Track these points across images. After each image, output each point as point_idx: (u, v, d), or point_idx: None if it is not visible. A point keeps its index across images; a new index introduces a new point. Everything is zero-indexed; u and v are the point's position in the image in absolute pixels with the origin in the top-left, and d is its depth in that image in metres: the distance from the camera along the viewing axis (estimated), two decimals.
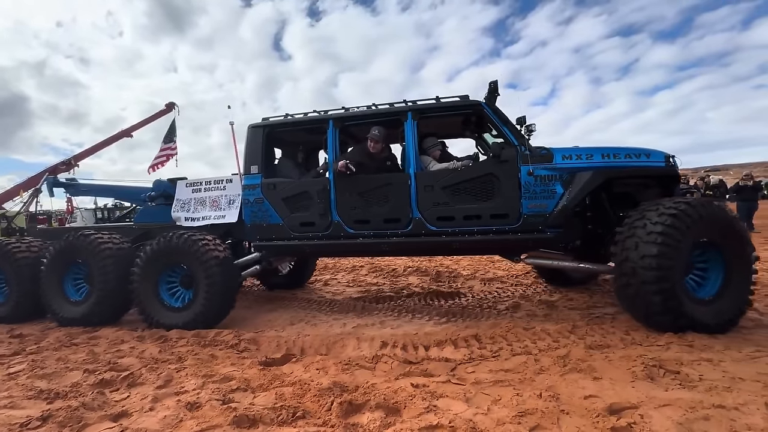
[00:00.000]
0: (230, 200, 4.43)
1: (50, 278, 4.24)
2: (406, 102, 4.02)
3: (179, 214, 4.57)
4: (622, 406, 1.92)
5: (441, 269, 6.52)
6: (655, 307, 2.98)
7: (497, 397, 2.12)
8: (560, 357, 2.65)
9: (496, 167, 3.61)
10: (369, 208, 3.89)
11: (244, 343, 3.39)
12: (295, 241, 4.11)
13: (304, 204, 4.07)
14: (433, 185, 3.73)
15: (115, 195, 6.20)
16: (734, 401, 1.85)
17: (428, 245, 3.88)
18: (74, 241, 4.18)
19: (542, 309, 4.13)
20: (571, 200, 3.45)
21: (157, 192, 4.93)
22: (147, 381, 2.57)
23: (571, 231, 3.69)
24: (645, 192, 3.82)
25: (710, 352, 2.65)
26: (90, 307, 4.06)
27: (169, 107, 11.41)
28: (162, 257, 3.96)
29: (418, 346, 3.16)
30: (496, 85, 3.76)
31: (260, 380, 2.50)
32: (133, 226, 4.81)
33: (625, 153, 3.56)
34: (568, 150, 3.59)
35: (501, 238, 3.64)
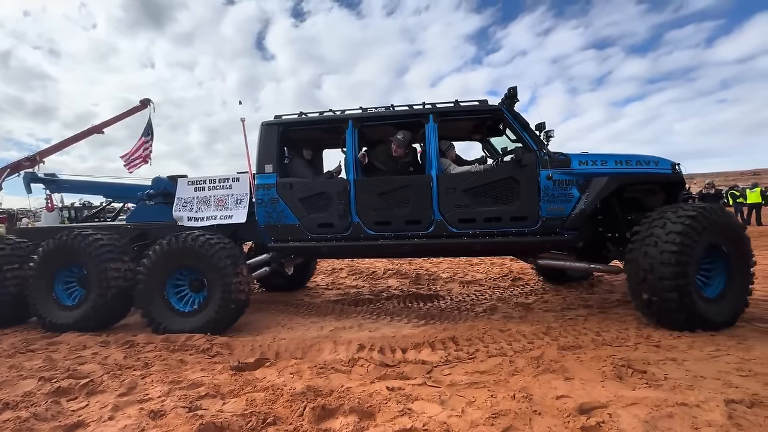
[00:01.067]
0: (237, 200, 4.25)
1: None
2: (425, 104, 4.02)
3: (181, 213, 4.32)
4: (591, 405, 1.96)
5: (420, 272, 6.54)
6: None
7: (472, 399, 2.12)
8: (534, 358, 2.69)
9: (516, 171, 3.69)
10: (390, 210, 3.86)
11: (217, 347, 3.27)
12: (313, 242, 3.99)
13: (323, 205, 3.97)
14: (454, 188, 3.76)
15: (103, 192, 5.70)
16: (696, 399, 1.92)
17: (449, 247, 3.90)
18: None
19: (518, 311, 4.19)
20: (588, 204, 3.59)
21: (157, 190, 4.64)
22: (108, 388, 2.43)
23: (584, 233, 3.80)
24: (651, 197, 3.98)
25: (675, 351, 2.75)
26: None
27: (144, 104, 11.01)
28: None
29: (395, 348, 3.14)
30: (516, 90, 3.83)
31: (231, 386, 2.41)
32: (128, 226, 4.51)
33: (636, 160, 3.74)
34: (584, 156, 3.73)
35: (521, 240, 3.72)
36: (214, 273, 3.67)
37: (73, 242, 3.87)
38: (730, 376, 2.27)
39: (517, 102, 3.88)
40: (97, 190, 5.63)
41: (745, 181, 45.56)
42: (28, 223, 12.37)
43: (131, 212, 4.97)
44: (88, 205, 13.69)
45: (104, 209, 7.61)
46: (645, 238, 3.26)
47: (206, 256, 3.67)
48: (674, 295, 3.08)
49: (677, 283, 3.06)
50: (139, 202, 4.90)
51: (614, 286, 5.02)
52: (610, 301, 4.38)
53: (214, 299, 3.66)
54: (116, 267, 3.82)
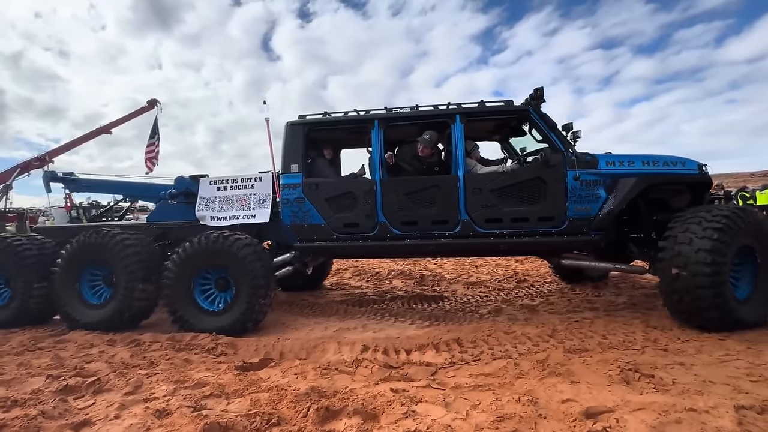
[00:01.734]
0: (260, 199, 4.26)
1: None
2: (449, 104, 4.02)
3: (204, 212, 4.35)
4: (598, 410, 1.93)
5: (425, 273, 6.52)
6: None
7: (476, 402, 2.10)
8: (539, 361, 2.66)
9: (543, 171, 3.69)
10: (416, 210, 3.87)
11: (221, 347, 3.29)
12: (339, 242, 4.00)
13: (349, 204, 3.98)
14: (481, 188, 3.76)
15: (123, 191, 5.70)
16: (705, 404, 1.89)
17: (476, 247, 3.90)
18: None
19: (523, 313, 4.16)
20: (617, 204, 3.57)
21: (179, 189, 4.66)
22: (115, 387, 2.45)
23: (610, 234, 3.78)
24: (676, 198, 3.97)
25: (683, 356, 2.71)
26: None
27: (151, 104, 11.12)
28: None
29: (399, 350, 3.14)
30: (542, 91, 3.85)
31: (235, 386, 2.42)
32: (150, 225, 4.53)
33: (663, 161, 3.75)
34: (611, 156, 3.73)
35: (547, 240, 3.72)
36: (242, 274, 3.68)
37: (101, 241, 3.89)
38: (740, 381, 2.24)
39: (543, 103, 3.87)
40: (117, 189, 5.65)
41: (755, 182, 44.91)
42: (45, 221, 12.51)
43: (152, 211, 4.99)
44: (96, 205, 13.84)
45: (112, 208, 7.69)
46: (679, 236, 3.23)
47: (236, 257, 3.68)
48: (708, 293, 3.04)
49: (713, 281, 3.04)
50: (159, 202, 4.92)
51: (620, 288, 4.97)
52: (617, 303, 4.33)
53: (240, 301, 3.67)
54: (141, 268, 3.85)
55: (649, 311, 3.92)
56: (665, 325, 3.43)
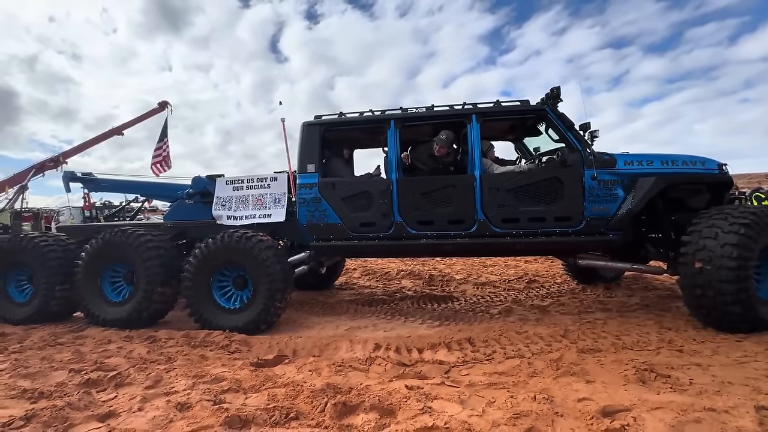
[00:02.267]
0: (276, 199, 4.31)
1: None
2: (465, 104, 4.03)
3: (221, 212, 4.41)
4: (615, 408, 1.93)
5: (434, 273, 6.53)
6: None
7: (492, 399, 2.11)
8: (553, 360, 2.66)
9: (560, 171, 3.68)
10: (432, 209, 3.87)
11: (235, 344, 3.34)
12: (355, 241, 4.02)
13: (365, 204, 3.99)
14: (498, 187, 3.76)
15: (141, 191, 5.81)
16: (724, 404, 1.88)
17: (492, 246, 3.90)
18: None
19: (534, 313, 4.15)
20: (636, 204, 3.54)
21: (196, 189, 4.74)
22: (135, 381, 2.51)
23: (628, 234, 3.74)
24: (695, 197, 3.92)
25: (699, 357, 2.69)
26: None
27: (161, 106, 11.30)
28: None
29: (411, 348, 3.15)
30: (559, 91, 3.84)
31: (252, 381, 2.46)
32: (167, 224, 4.61)
33: (683, 160, 3.71)
34: (629, 156, 3.70)
35: (564, 240, 3.70)
36: (260, 275, 3.72)
37: (124, 240, 3.98)
38: (759, 382, 2.21)
39: (560, 102, 3.86)
40: (135, 189, 5.76)
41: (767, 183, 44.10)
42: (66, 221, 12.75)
43: (169, 211, 5.07)
44: (109, 204, 14.08)
45: (124, 208, 7.83)
46: (704, 230, 3.20)
47: (256, 258, 3.72)
48: (732, 287, 3.00)
49: (738, 275, 3.01)
50: (176, 201, 5.00)
51: (633, 290, 4.93)
52: (630, 304, 4.30)
53: (257, 301, 3.72)
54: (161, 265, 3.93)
55: (663, 312, 3.88)
56: (680, 326, 3.39)
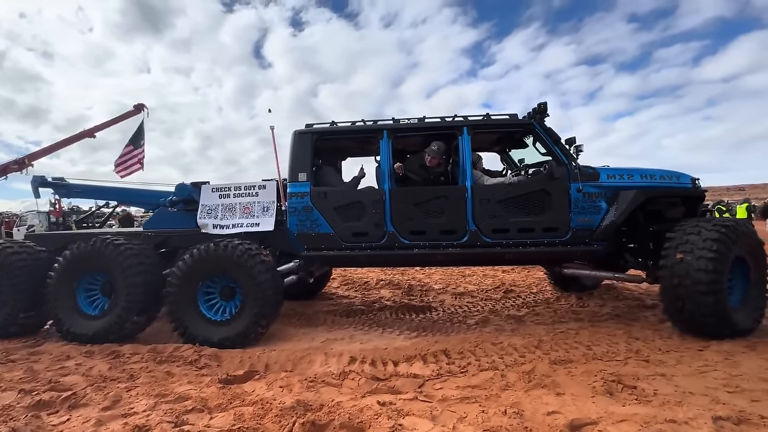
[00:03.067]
0: (264, 207, 4.20)
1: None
2: (456, 116, 4.11)
3: (206, 221, 4.24)
4: (582, 422, 1.96)
5: (413, 283, 6.52)
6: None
7: (463, 415, 2.10)
8: (526, 372, 2.68)
9: (548, 183, 3.82)
10: (425, 219, 3.91)
11: (205, 359, 3.22)
12: (347, 251, 4.00)
13: (358, 214, 3.98)
14: (489, 198, 3.85)
15: (120, 198, 5.48)
16: (684, 415, 1.93)
17: (483, 256, 3.98)
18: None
19: (510, 324, 4.20)
20: (619, 216, 3.71)
21: (180, 196, 4.53)
22: (92, 402, 2.36)
23: (611, 244, 3.89)
24: (671, 210, 4.12)
25: (664, 366, 2.77)
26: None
27: (137, 108, 10.96)
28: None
29: (387, 361, 3.12)
30: (546, 106, 3.97)
31: (219, 399, 2.36)
32: (149, 233, 4.39)
33: (660, 174, 3.94)
34: (612, 170, 3.89)
35: (552, 250, 3.83)
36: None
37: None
38: (717, 392, 2.30)
39: (547, 117, 4.00)
40: (112, 195, 5.43)
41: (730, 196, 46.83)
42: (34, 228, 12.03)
43: (150, 219, 4.84)
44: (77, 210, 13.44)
45: (93, 214, 7.48)
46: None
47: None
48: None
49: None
50: (158, 209, 4.78)
51: (604, 299, 5.06)
52: (601, 314, 4.41)
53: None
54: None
55: (632, 322, 4.00)
56: (647, 336, 3.50)
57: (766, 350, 3.02)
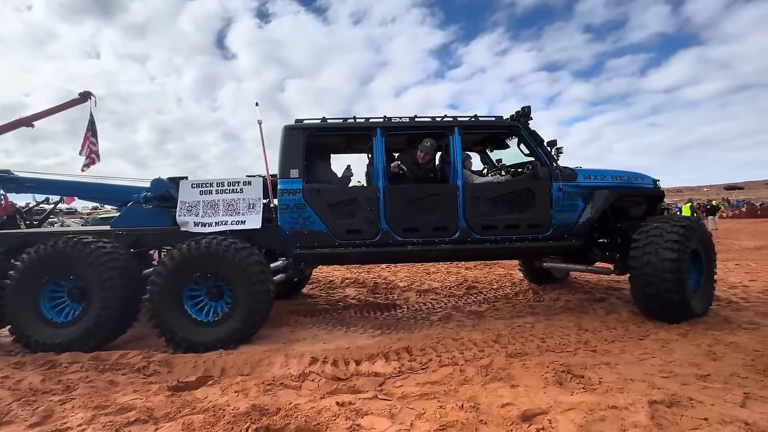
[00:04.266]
0: (250, 204, 4.00)
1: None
2: (445, 116, 4.23)
3: (186, 218, 3.96)
4: (533, 412, 2.04)
5: (378, 281, 6.53)
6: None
7: (421, 411, 2.12)
8: (483, 366, 2.76)
9: (533, 183, 4.05)
10: (418, 217, 3.98)
11: (155, 365, 3.02)
12: (341, 249, 3.96)
13: (351, 211, 3.97)
14: (479, 196, 4.00)
15: (82, 194, 4.95)
16: (624, 401, 2.07)
17: (473, 252, 4.15)
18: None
19: (471, 319, 4.31)
20: (594, 213, 4.06)
21: (157, 193, 4.17)
22: (17, 418, 2.14)
23: (586, 239, 4.21)
24: (635, 207, 4.54)
25: (609, 356, 2.96)
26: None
27: (83, 97, 10.11)
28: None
29: (349, 361, 3.09)
30: (529, 109, 4.21)
31: (166, 408, 2.22)
32: (120, 232, 4.01)
33: (628, 176, 4.32)
34: (587, 171, 4.21)
35: (535, 245, 4.09)
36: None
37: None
38: (654, 378, 2.48)
39: (531, 120, 4.23)
40: (72, 190, 4.90)
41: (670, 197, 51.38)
42: None
43: (119, 216, 4.43)
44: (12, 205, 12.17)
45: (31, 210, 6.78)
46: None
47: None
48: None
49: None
50: (129, 205, 4.38)
51: (559, 294, 5.34)
52: (555, 308, 4.64)
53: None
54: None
55: (582, 314, 4.24)
56: (596, 327, 3.73)
57: (696, 337, 3.31)
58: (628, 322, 3.84)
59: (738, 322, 3.66)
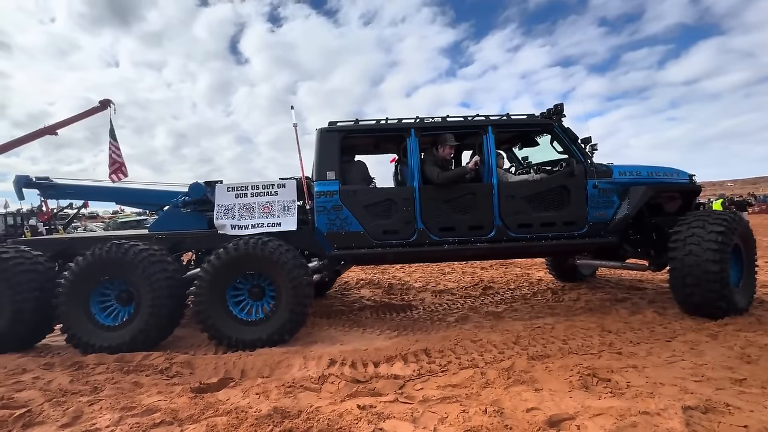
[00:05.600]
0: (285, 206, 4.09)
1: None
2: (477, 115, 4.26)
3: (224, 221, 4.06)
4: (560, 417, 1.98)
5: (393, 281, 6.51)
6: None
7: (444, 415, 2.09)
8: (505, 369, 2.70)
9: (568, 180, 4.05)
10: (453, 216, 4.01)
11: (177, 366, 3.07)
12: (378, 249, 4.00)
13: (388, 211, 4.02)
14: (514, 195, 4.02)
15: (120, 199, 5.08)
16: (656, 407, 1.99)
17: (509, 250, 4.24)
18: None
19: (489, 320, 4.24)
20: (632, 209, 4.04)
21: (195, 196, 4.28)
22: (49, 419, 2.20)
23: (622, 235, 4.19)
24: (670, 203, 4.53)
25: (635, 358, 2.86)
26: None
27: (103, 105, 10.40)
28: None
29: (367, 362, 3.07)
30: (562, 107, 4.21)
31: (190, 410, 2.25)
32: (159, 236, 4.13)
33: (663, 171, 4.30)
34: (622, 167, 4.19)
35: (571, 242, 4.09)
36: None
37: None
38: (685, 382, 2.39)
39: (564, 117, 4.22)
40: (112, 195, 5.02)
41: None
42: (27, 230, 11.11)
43: (156, 220, 4.59)
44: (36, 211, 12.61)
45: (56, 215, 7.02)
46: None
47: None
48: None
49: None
50: (166, 209, 4.52)
51: (579, 293, 5.22)
52: (575, 308, 4.53)
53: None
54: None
55: (605, 315, 4.12)
56: (619, 328, 3.61)
57: (726, 339, 3.17)
58: (653, 324, 3.71)
59: None
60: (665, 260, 3.96)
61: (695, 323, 3.65)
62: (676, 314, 3.98)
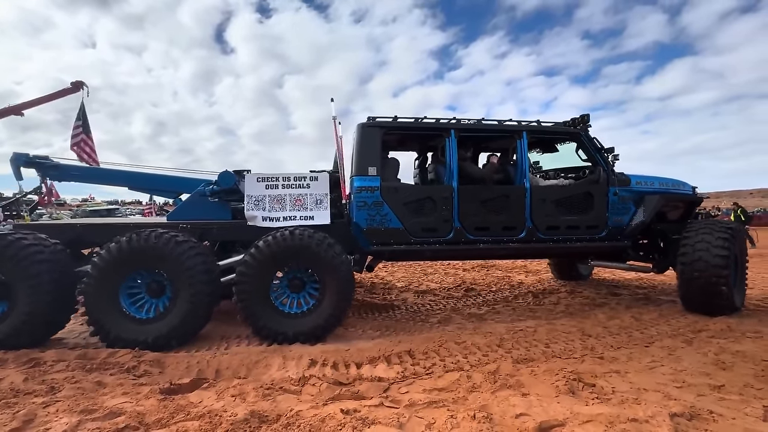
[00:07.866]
0: (317, 200, 3.99)
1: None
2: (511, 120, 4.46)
3: (255, 213, 3.89)
4: (550, 424, 1.95)
5: (376, 281, 6.42)
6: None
7: (431, 421, 2.01)
8: (491, 373, 2.66)
9: (593, 187, 4.34)
10: (488, 216, 4.16)
11: (145, 365, 2.87)
12: (416, 246, 4.06)
13: (427, 209, 4.08)
14: (545, 198, 4.23)
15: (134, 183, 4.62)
16: (644, 414, 1.99)
17: (537, 250, 4.52)
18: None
19: (472, 322, 4.22)
20: (647, 216, 4.38)
21: (224, 186, 4.05)
22: None
23: (635, 240, 4.54)
24: (673, 212, 4.91)
25: (617, 363, 2.89)
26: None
27: (75, 86, 9.78)
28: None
29: (350, 363, 2.97)
30: (588, 117, 4.47)
31: (159, 414, 2.08)
32: (184, 225, 3.84)
33: (671, 183, 4.69)
34: (638, 177, 4.53)
35: (592, 245, 4.37)
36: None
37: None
38: (668, 388, 2.41)
39: (590, 127, 4.49)
40: (127, 180, 4.57)
41: None
42: None
43: (177, 208, 4.29)
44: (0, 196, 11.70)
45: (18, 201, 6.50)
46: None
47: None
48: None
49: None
50: (188, 197, 4.24)
51: (559, 297, 5.29)
52: (556, 312, 4.58)
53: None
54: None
55: (584, 319, 4.18)
56: (599, 333, 3.67)
57: (701, 346, 3.26)
58: (631, 328, 3.80)
59: (741, 330, 3.62)
60: (669, 263, 4.34)
61: (670, 329, 3.76)
62: (651, 320, 4.08)
